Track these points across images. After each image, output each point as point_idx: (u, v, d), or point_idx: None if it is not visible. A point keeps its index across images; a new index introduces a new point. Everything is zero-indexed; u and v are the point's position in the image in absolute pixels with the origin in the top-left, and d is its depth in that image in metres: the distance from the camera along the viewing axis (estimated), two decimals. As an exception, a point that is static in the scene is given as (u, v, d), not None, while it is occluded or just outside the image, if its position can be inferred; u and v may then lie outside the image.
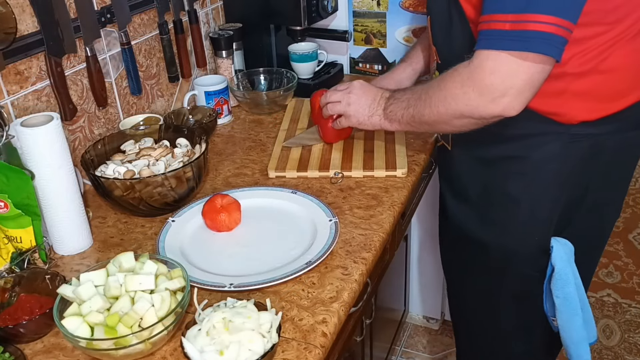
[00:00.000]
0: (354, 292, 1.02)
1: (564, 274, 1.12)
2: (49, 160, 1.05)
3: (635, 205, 2.98)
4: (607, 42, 0.98)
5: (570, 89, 1.02)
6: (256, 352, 0.83)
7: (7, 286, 0.99)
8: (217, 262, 1.07)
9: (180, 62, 1.62)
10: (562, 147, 1.06)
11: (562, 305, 1.15)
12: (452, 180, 1.26)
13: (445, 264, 1.44)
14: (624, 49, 0.99)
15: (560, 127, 1.05)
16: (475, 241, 1.21)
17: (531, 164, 1.09)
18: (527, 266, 1.17)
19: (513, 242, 1.16)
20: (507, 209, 1.14)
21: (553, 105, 1.03)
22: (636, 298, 2.41)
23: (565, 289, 1.13)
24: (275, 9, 1.69)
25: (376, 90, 1.25)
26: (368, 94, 1.25)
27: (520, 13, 0.89)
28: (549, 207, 1.12)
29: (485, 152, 1.13)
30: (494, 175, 1.14)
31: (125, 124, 1.43)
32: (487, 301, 1.28)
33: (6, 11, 1.11)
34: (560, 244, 1.12)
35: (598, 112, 1.04)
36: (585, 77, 1.01)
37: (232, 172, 1.39)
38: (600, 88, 1.02)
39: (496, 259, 1.19)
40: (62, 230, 1.11)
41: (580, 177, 1.10)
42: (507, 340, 1.30)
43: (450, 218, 1.28)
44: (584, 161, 1.08)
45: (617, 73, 1.01)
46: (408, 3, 1.74)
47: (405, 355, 2.19)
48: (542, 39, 0.89)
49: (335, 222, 1.13)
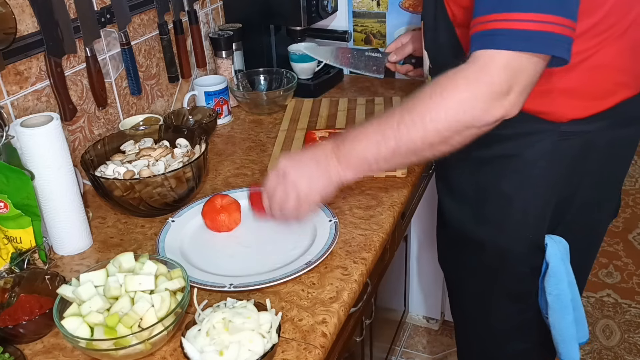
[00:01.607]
0: (353, 292, 1.02)
1: (557, 272, 1.13)
2: (49, 161, 1.05)
3: (635, 205, 2.98)
4: (593, 40, 0.98)
5: (557, 87, 1.01)
6: (256, 353, 0.83)
7: (7, 286, 0.99)
8: (217, 263, 1.07)
9: (180, 62, 1.62)
10: (552, 145, 1.06)
11: (554, 302, 1.15)
12: (448, 180, 1.26)
13: (442, 263, 1.44)
14: (611, 47, 0.99)
15: (550, 125, 1.05)
16: (471, 240, 1.21)
17: (523, 162, 1.09)
18: (522, 264, 1.18)
19: (507, 240, 1.16)
20: (501, 207, 1.15)
21: (541, 104, 1.03)
22: (636, 298, 2.41)
23: (558, 287, 1.14)
24: (275, 9, 1.69)
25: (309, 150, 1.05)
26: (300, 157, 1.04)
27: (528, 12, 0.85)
28: (541, 204, 1.12)
29: (479, 152, 1.13)
30: (487, 174, 1.15)
31: (125, 124, 1.43)
32: (484, 300, 1.28)
33: (6, 11, 1.11)
34: (554, 242, 1.13)
35: (587, 109, 1.04)
36: (571, 75, 1.00)
37: (232, 172, 1.39)
38: (587, 86, 1.02)
39: (491, 257, 1.19)
40: (62, 231, 1.11)
41: (571, 174, 1.10)
42: (506, 339, 1.31)
43: (446, 217, 1.28)
44: (575, 159, 1.08)
45: (604, 71, 1.01)
46: (408, 3, 1.75)
47: (405, 356, 2.19)
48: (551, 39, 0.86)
49: (335, 223, 1.13)
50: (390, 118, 0.95)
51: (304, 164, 1.03)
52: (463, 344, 1.48)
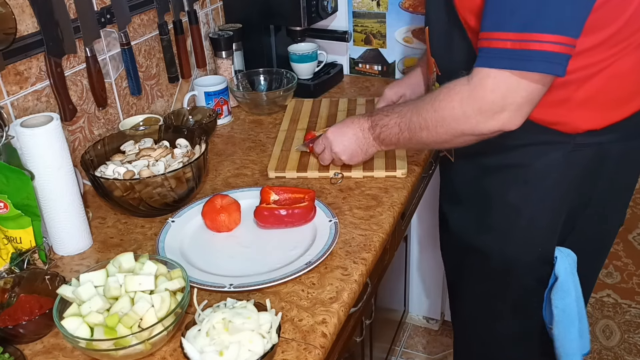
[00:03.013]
0: (353, 292, 1.02)
1: (565, 285, 1.12)
2: (49, 161, 1.05)
3: (635, 205, 2.98)
4: (611, 50, 0.97)
5: (574, 97, 1.01)
6: (256, 353, 0.83)
7: (6, 287, 0.99)
8: (217, 263, 1.07)
9: (180, 62, 1.62)
10: (564, 156, 1.05)
11: (560, 315, 1.14)
12: (454, 189, 1.25)
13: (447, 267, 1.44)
14: (629, 56, 0.99)
15: (563, 136, 1.04)
16: (477, 249, 1.20)
17: (533, 172, 1.08)
18: (529, 275, 1.16)
19: (514, 250, 1.15)
20: (507, 217, 1.13)
21: (557, 115, 1.02)
22: (636, 298, 2.41)
23: (565, 300, 1.13)
24: (275, 9, 1.69)
25: (351, 124, 1.24)
26: (345, 130, 1.25)
27: (522, 32, 0.87)
28: (550, 216, 1.11)
29: (487, 161, 1.12)
30: (495, 184, 1.13)
31: (125, 125, 1.43)
32: (486, 308, 1.28)
33: (6, 11, 1.11)
34: (563, 255, 1.12)
35: (603, 120, 1.03)
36: (589, 85, 1.00)
37: (232, 172, 1.39)
38: (605, 95, 1.01)
39: (497, 268, 1.18)
40: (62, 231, 1.11)
41: (583, 186, 1.09)
42: (505, 347, 1.30)
43: (452, 227, 1.27)
44: (587, 170, 1.07)
45: (621, 80, 1.01)
46: (408, 3, 1.75)
47: (405, 356, 2.19)
48: (545, 58, 0.87)
49: (335, 223, 1.13)
50: (407, 115, 1.10)
51: (347, 139, 1.24)
52: (461, 347, 1.47)
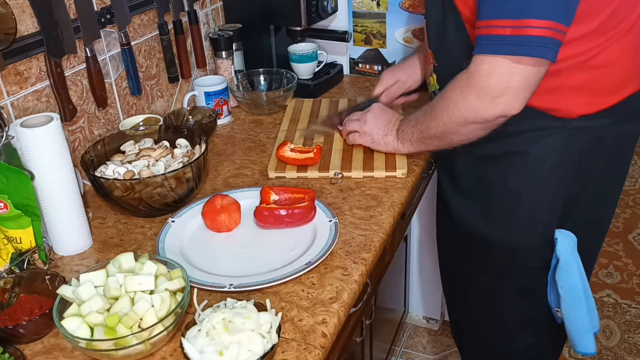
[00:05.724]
0: (353, 292, 1.02)
1: (568, 265, 1.14)
2: (49, 161, 1.05)
3: (635, 205, 2.98)
4: (600, 38, 1.01)
5: (566, 84, 1.04)
6: (256, 353, 0.83)
7: (6, 287, 0.99)
8: (217, 263, 1.07)
9: (180, 62, 1.62)
10: (561, 141, 1.09)
11: (567, 295, 1.17)
12: (454, 177, 1.27)
13: (444, 265, 1.44)
14: (617, 44, 1.02)
15: (559, 121, 1.07)
16: (479, 237, 1.22)
17: (531, 158, 1.11)
18: (532, 259, 1.19)
19: (516, 236, 1.18)
20: (509, 203, 1.16)
21: (551, 101, 1.06)
22: (636, 298, 2.41)
23: (570, 280, 1.15)
24: (275, 9, 1.69)
25: (393, 113, 1.32)
26: (385, 115, 1.32)
27: (518, 18, 0.92)
28: (550, 199, 1.14)
29: (486, 148, 1.14)
30: (495, 171, 1.16)
31: (125, 125, 1.43)
32: (491, 297, 1.29)
33: (6, 12, 1.11)
34: (563, 236, 1.14)
35: (596, 105, 1.06)
36: (580, 73, 1.04)
37: (232, 172, 1.39)
38: (596, 82, 1.05)
39: (500, 254, 1.20)
40: (62, 231, 1.11)
41: (580, 169, 1.12)
42: (514, 335, 1.31)
43: (452, 215, 1.29)
44: (584, 154, 1.10)
45: (611, 67, 1.04)
46: (408, 4, 1.75)
47: (405, 356, 2.19)
48: (538, 43, 0.93)
49: (335, 223, 1.13)
50: (425, 109, 1.16)
51: (382, 116, 1.32)
52: (468, 345, 1.48)
